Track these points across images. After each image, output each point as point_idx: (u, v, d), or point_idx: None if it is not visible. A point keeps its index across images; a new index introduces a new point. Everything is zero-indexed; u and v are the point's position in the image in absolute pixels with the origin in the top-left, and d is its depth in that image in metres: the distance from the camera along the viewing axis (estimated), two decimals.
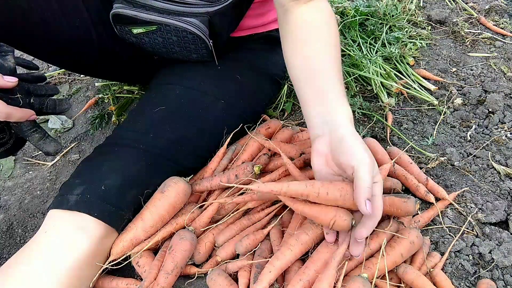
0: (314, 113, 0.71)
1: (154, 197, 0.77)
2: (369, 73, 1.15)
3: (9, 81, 0.65)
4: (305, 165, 0.87)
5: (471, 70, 1.20)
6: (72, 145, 1.24)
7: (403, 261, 0.71)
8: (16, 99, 0.67)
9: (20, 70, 0.75)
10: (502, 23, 1.37)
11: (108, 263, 0.72)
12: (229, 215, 0.79)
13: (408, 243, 0.71)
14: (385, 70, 1.19)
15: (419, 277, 0.68)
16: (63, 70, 1.53)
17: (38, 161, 1.22)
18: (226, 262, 0.74)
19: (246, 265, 0.72)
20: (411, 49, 1.29)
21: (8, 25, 0.76)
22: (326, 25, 0.76)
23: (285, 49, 0.79)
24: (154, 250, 0.78)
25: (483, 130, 1.02)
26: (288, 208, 0.79)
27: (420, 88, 1.14)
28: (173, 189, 0.77)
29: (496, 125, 1.03)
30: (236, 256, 0.76)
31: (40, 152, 1.25)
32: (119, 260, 0.73)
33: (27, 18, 0.78)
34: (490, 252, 0.75)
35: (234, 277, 0.72)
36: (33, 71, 0.79)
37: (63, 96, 1.45)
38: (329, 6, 0.78)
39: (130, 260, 0.76)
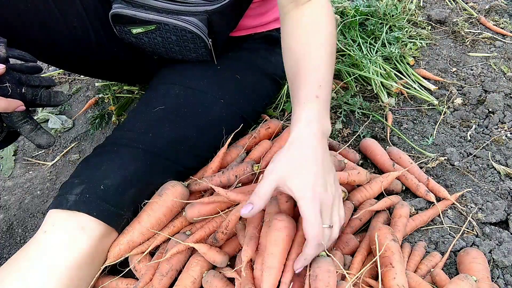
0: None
1: (151, 201, 0.77)
2: (369, 73, 1.15)
3: None
4: None
5: (471, 70, 1.20)
6: (72, 145, 1.24)
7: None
8: (4, 88, 0.64)
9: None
10: (502, 23, 1.37)
11: (106, 266, 0.72)
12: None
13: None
14: (385, 70, 1.19)
15: (419, 285, 0.67)
16: (62, 70, 1.53)
17: (38, 161, 1.22)
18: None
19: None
20: (411, 49, 1.29)
21: (4, 25, 0.75)
22: (322, 26, 0.75)
23: (282, 47, 0.80)
24: (151, 252, 0.78)
25: (483, 130, 1.02)
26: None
27: (420, 88, 1.14)
28: (170, 193, 0.77)
29: (496, 125, 1.02)
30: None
31: (40, 152, 1.25)
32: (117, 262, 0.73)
33: (24, 19, 0.78)
34: (490, 252, 0.75)
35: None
36: (28, 63, 0.75)
37: None
38: (329, 5, 0.78)
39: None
